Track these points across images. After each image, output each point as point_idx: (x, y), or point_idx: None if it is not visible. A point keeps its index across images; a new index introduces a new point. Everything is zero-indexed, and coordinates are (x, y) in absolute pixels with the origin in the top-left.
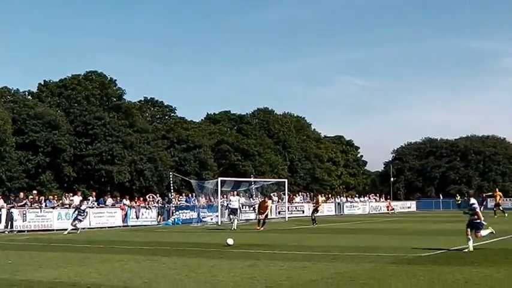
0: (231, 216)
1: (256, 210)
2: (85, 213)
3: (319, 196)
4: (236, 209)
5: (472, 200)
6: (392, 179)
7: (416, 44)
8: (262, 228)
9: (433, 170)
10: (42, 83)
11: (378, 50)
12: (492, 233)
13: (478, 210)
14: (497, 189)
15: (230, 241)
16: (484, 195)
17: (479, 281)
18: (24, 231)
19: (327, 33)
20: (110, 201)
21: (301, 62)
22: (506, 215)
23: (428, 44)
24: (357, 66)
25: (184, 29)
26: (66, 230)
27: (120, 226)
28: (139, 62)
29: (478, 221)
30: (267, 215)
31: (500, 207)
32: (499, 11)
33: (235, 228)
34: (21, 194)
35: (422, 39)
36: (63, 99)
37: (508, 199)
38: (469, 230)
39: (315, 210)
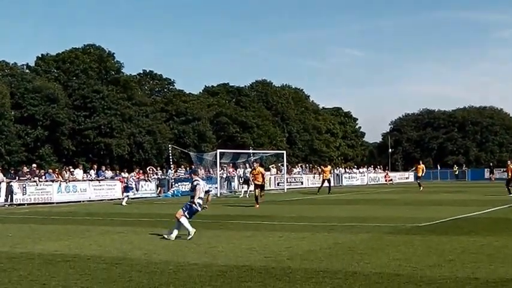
0: (244, 185)
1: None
2: (134, 186)
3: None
4: (249, 179)
5: None
6: (390, 150)
7: (414, 16)
8: (258, 206)
9: (431, 141)
10: (40, 57)
11: (376, 22)
12: None
13: None
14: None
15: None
16: None
17: (476, 250)
18: (24, 204)
19: (325, 6)
20: (109, 174)
21: (299, 34)
22: None
23: (425, 15)
24: (355, 38)
25: (183, 3)
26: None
27: (119, 198)
28: (138, 35)
29: None
30: (263, 186)
31: None
32: None
33: (245, 196)
34: (25, 169)
35: (419, 11)
36: (61, 72)
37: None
38: None
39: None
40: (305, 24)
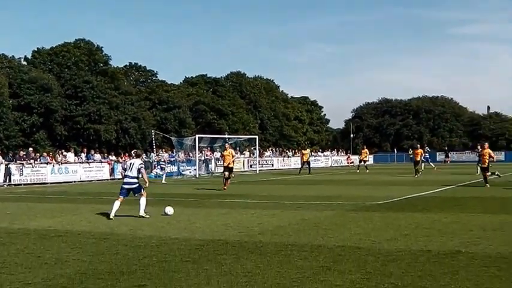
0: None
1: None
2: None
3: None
4: None
5: None
6: (352, 135)
7: (374, 13)
8: (226, 188)
9: (389, 127)
10: (36, 50)
11: (340, 19)
12: None
13: None
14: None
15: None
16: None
17: (428, 225)
18: (21, 184)
19: (294, 4)
20: (98, 157)
21: (271, 29)
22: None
23: (385, 12)
24: (321, 33)
25: (167, 1)
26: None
27: (107, 179)
28: (125, 30)
29: None
30: (231, 169)
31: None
32: None
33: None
34: (21, 152)
35: (380, 8)
36: (54, 65)
37: (454, 153)
38: None
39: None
40: (276, 20)
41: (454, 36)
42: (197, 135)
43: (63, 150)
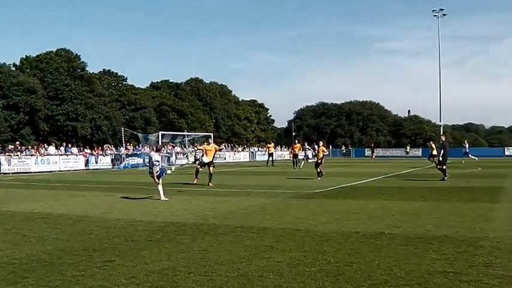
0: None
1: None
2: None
3: (271, 143)
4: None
5: None
6: (293, 133)
7: (314, 29)
8: (211, 184)
9: (325, 127)
10: (24, 57)
11: (284, 33)
12: None
13: None
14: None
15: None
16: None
17: (358, 211)
18: (9, 173)
19: (243, 19)
20: (75, 150)
21: (226, 40)
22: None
23: (323, 28)
24: (269, 45)
25: (131, 16)
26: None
27: (83, 169)
28: (100, 41)
29: None
30: (211, 163)
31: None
32: (381, 6)
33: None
34: (10, 146)
35: (320, 25)
36: (39, 70)
37: (380, 149)
38: None
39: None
40: (231, 32)
41: (381, 50)
42: (160, 132)
43: (45, 144)
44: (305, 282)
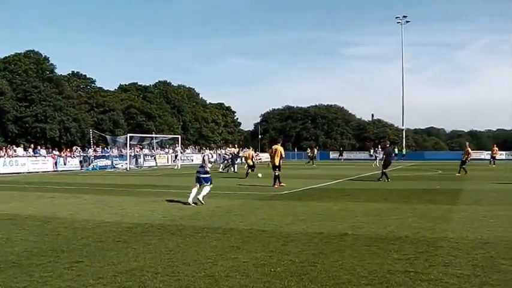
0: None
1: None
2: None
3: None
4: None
5: None
6: (260, 136)
7: (282, 34)
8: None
9: (291, 130)
10: None
11: (253, 39)
12: None
13: None
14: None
15: (260, 175)
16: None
17: (322, 212)
18: None
19: (213, 23)
20: (43, 151)
21: (193, 44)
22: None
23: (291, 34)
24: (236, 49)
25: (108, 16)
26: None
27: (51, 171)
28: (69, 43)
29: None
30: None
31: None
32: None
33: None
34: None
35: (288, 31)
36: (7, 72)
37: (346, 152)
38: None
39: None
40: (199, 36)
41: (346, 56)
42: (129, 134)
43: (13, 146)
44: (270, 282)
